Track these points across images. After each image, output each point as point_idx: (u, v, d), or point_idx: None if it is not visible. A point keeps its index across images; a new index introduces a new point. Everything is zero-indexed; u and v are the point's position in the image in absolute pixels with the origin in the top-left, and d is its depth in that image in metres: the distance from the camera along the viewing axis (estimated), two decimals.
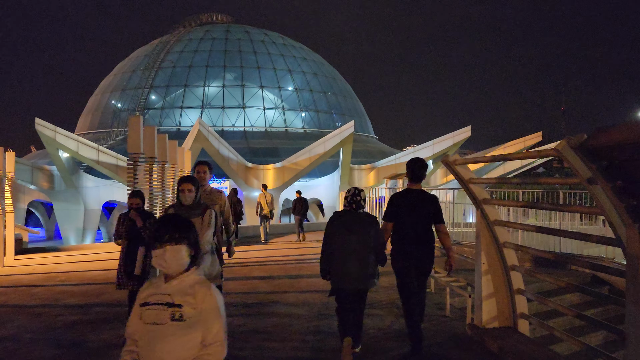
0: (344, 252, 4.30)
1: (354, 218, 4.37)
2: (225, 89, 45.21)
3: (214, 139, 27.69)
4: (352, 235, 4.29)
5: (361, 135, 49.06)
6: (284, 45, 51.05)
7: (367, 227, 4.32)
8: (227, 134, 42.65)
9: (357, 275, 4.28)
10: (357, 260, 4.27)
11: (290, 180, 31.65)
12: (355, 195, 4.46)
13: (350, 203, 4.44)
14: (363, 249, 4.28)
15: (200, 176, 5.40)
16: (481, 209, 5.17)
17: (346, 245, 4.30)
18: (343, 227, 4.34)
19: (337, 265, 4.34)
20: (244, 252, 11.78)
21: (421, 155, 32.21)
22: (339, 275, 4.33)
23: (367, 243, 4.29)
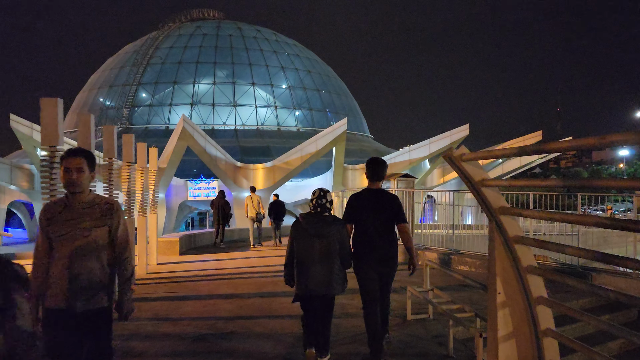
0: (308, 257, 4.16)
1: (319, 221, 4.19)
2: (216, 86, 43.89)
3: (200, 137, 26.38)
4: (317, 239, 4.15)
5: (356, 134, 47.85)
6: (277, 42, 49.76)
7: (333, 231, 4.17)
8: (217, 133, 41.37)
9: (322, 280, 4.14)
10: (322, 265, 4.13)
11: (281, 180, 30.37)
12: (321, 197, 4.27)
13: (315, 206, 4.26)
14: (328, 253, 4.15)
15: (70, 178, 2.94)
16: (496, 220, 3.86)
17: (311, 250, 4.15)
18: (307, 231, 4.18)
19: (301, 270, 4.19)
20: (218, 262, 10.51)
21: (418, 155, 31.14)
22: (304, 281, 4.18)
23: (332, 247, 4.16)
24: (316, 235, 4.16)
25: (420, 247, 9.79)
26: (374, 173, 4.66)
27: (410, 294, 5.61)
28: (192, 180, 32.91)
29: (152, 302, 6.47)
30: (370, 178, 4.70)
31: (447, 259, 9.02)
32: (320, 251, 4.15)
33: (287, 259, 4.37)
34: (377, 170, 4.67)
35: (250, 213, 14.13)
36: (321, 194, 4.34)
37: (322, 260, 4.15)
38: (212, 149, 27.64)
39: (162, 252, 11.57)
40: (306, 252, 4.18)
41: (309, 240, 4.18)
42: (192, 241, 13.85)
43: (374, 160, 4.83)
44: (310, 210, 4.34)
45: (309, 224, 4.21)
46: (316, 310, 4.26)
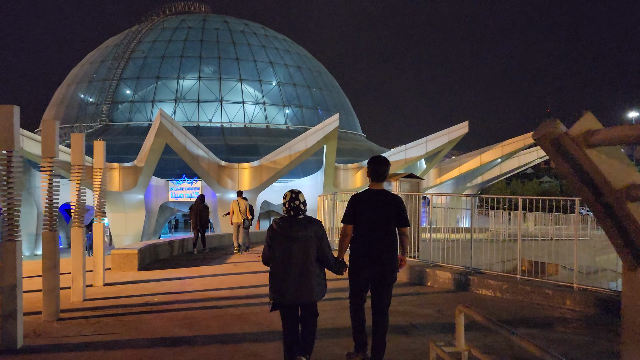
0: (284, 263, 3.96)
1: (293, 225, 3.99)
2: (201, 81, 41.90)
3: (180, 134, 24.42)
4: (293, 243, 3.95)
5: (348, 132, 46.07)
6: (266, 37, 47.82)
7: (309, 233, 3.97)
8: (202, 130, 39.44)
9: (300, 287, 3.93)
10: (301, 271, 3.94)
11: (269, 180, 28.51)
12: (293, 199, 4.05)
13: (288, 210, 4.06)
14: (306, 258, 3.97)
15: None
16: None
17: (287, 255, 3.95)
18: (282, 235, 3.98)
19: (277, 277, 3.99)
20: (182, 282, 8.65)
21: (414, 154, 29.37)
22: (281, 288, 3.95)
23: (310, 250, 3.98)
24: (292, 239, 3.96)
25: (430, 265, 7.97)
26: (377, 173, 4.41)
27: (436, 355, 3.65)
28: (173, 180, 30.93)
29: (63, 354, 4.60)
30: (372, 178, 4.42)
31: (463, 280, 7.22)
32: (298, 256, 3.96)
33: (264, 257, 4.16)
34: (379, 170, 4.40)
35: (236, 219, 13.29)
36: (293, 196, 4.10)
37: (301, 265, 3.95)
38: (194, 147, 25.69)
39: (117, 267, 9.67)
40: (283, 257, 3.97)
41: (285, 245, 3.97)
42: (158, 252, 11.95)
43: (377, 159, 4.53)
44: (284, 214, 4.12)
45: (283, 228, 4.00)
46: (296, 318, 4.06)
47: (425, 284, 7.72)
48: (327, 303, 5.76)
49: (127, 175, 27.21)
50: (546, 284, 6.53)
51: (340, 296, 6.19)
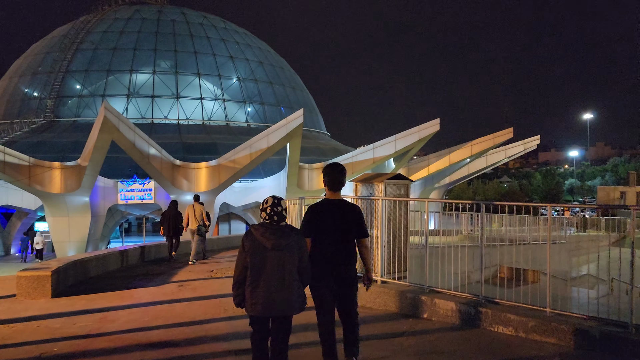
0: (263, 274, 3.72)
1: (275, 232, 3.72)
2: (156, 75, 39.37)
3: (128, 129, 22.07)
4: (274, 252, 3.70)
5: (312, 131, 44.37)
6: (226, 30, 45.57)
7: (292, 242, 3.76)
8: (157, 127, 36.99)
9: (280, 299, 3.71)
10: (281, 282, 3.71)
11: (228, 181, 26.43)
12: (276, 205, 3.78)
13: (270, 215, 3.75)
14: (287, 269, 3.72)
15: None
16: None
17: (267, 265, 3.71)
18: (263, 244, 3.70)
19: (255, 287, 3.71)
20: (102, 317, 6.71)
21: (382, 153, 27.84)
22: (258, 298, 3.71)
23: (292, 260, 3.74)
24: (273, 248, 3.69)
25: (425, 290, 6.27)
26: (335, 182, 4.23)
27: None
28: (123, 181, 28.41)
29: None
30: (330, 187, 4.24)
31: (472, 313, 5.55)
32: (279, 266, 3.72)
33: (238, 276, 3.80)
34: (337, 178, 4.24)
35: (191, 225, 12.72)
36: (275, 202, 3.80)
37: (281, 276, 3.72)
38: (144, 144, 23.36)
39: (24, 293, 7.58)
40: (262, 267, 3.72)
41: (265, 254, 3.71)
42: (88, 268, 9.85)
43: (334, 167, 4.28)
44: (265, 220, 3.79)
45: (264, 235, 3.70)
46: (271, 332, 3.81)
47: (421, 316, 6.02)
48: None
49: (70, 175, 24.62)
50: (583, 320, 4.92)
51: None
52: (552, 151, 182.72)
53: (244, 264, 3.76)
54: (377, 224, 6.80)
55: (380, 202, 6.69)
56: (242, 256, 3.77)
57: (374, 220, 6.84)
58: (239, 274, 3.79)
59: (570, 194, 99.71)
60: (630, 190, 47.23)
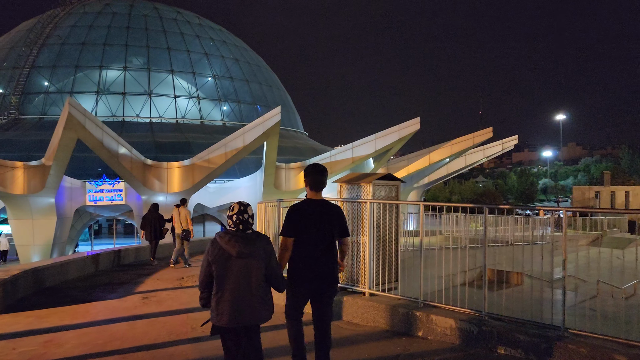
0: (230, 282, 3.60)
1: (241, 240, 3.63)
2: (128, 72, 38.01)
3: (95, 127, 20.92)
4: (240, 260, 3.60)
5: (289, 130, 43.57)
6: (200, 26, 44.39)
7: (258, 250, 3.67)
8: (129, 126, 35.70)
9: (247, 308, 3.61)
10: (248, 290, 3.62)
11: (202, 181, 25.47)
12: (242, 212, 3.69)
13: (236, 223, 3.68)
14: (255, 277, 3.64)
15: None
16: None
17: (232, 274, 3.60)
18: (228, 252, 3.61)
19: (221, 297, 3.61)
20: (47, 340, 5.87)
21: (362, 152, 27.21)
22: (225, 308, 3.59)
23: (258, 269, 3.65)
24: (239, 256, 3.62)
25: (419, 305, 5.58)
26: (317, 182, 4.21)
27: None
28: (92, 181, 27.15)
29: None
30: (311, 187, 4.23)
31: (475, 332, 4.88)
32: (245, 274, 3.62)
33: (203, 280, 3.72)
34: (319, 179, 4.21)
35: (176, 229, 12.59)
36: (242, 209, 3.70)
37: (247, 285, 3.62)
38: (113, 143, 22.23)
39: None
40: (227, 276, 3.61)
41: (230, 263, 3.62)
42: (44, 277, 8.90)
43: (316, 168, 4.27)
44: (230, 228, 3.72)
45: (229, 244, 3.62)
46: (240, 343, 3.70)
47: (416, 334, 5.33)
48: None
49: (34, 175, 23.31)
50: (610, 343, 4.29)
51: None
52: (526, 151, 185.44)
53: (208, 272, 3.69)
54: (364, 230, 6.09)
55: (368, 206, 5.98)
56: (206, 265, 3.69)
57: (360, 225, 6.13)
58: (203, 279, 3.73)
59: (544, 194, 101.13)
60: (604, 190, 47.66)
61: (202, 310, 5.51)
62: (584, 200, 48.07)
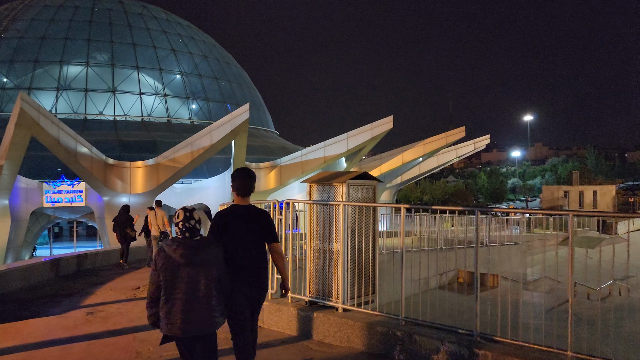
0: (180, 291, 3.49)
1: (190, 248, 3.54)
2: (90, 68, 36.43)
3: (50, 124, 19.64)
4: (190, 268, 3.50)
5: (259, 129, 42.61)
6: (168, 22, 43.02)
7: (209, 257, 3.60)
8: (91, 124, 34.19)
9: (199, 316, 3.51)
10: (198, 299, 3.52)
11: (168, 181, 24.37)
12: (188, 219, 3.60)
13: (182, 231, 3.59)
14: (205, 285, 3.54)
15: None
16: None
17: (181, 283, 3.49)
18: (177, 260, 3.50)
19: (172, 306, 3.48)
20: None
21: (334, 151, 26.52)
22: (176, 318, 3.46)
23: (210, 276, 3.58)
24: (189, 264, 3.50)
25: (399, 323, 4.87)
26: (244, 187, 4.17)
27: None
28: (50, 182, 25.72)
29: None
30: (238, 192, 4.18)
31: (465, 356, 4.20)
32: (196, 282, 3.51)
33: (152, 295, 3.60)
34: (247, 184, 4.18)
35: (153, 232, 12.83)
36: (187, 215, 3.62)
37: (198, 293, 3.52)
38: (71, 141, 20.96)
39: None
40: (177, 285, 3.50)
41: (180, 271, 3.50)
42: None
43: (243, 172, 4.24)
44: (177, 235, 3.63)
45: (177, 252, 3.52)
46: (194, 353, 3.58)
47: (397, 357, 4.62)
48: None
49: None
50: None
51: None
52: (494, 151, 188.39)
53: (157, 283, 3.56)
54: (337, 237, 5.36)
55: (342, 208, 5.24)
56: (155, 275, 3.57)
57: (333, 231, 5.39)
58: (153, 292, 3.59)
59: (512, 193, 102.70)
60: (573, 189, 48.29)
61: (152, 329, 4.73)
62: (553, 200, 48.60)
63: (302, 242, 8.10)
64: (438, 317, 4.80)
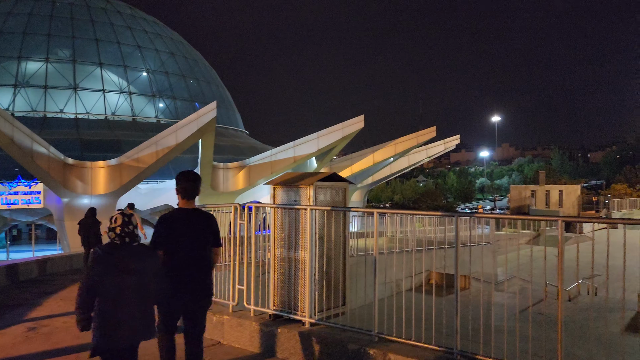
0: (115, 298, 3.33)
1: (128, 254, 3.43)
2: (50, 64, 35.03)
3: (3, 121, 18.55)
4: (128, 275, 3.36)
5: (229, 128, 41.82)
6: (133, 17, 41.77)
7: (148, 264, 3.49)
8: (51, 122, 32.86)
9: (134, 325, 3.38)
10: (134, 307, 3.39)
11: (131, 182, 23.46)
12: (126, 223, 3.47)
13: (121, 236, 3.44)
14: (142, 293, 3.43)
15: None
16: None
17: (119, 290, 3.34)
18: (114, 267, 3.36)
19: (105, 314, 3.31)
20: None
21: (304, 151, 26.04)
22: (109, 327, 3.30)
23: (148, 283, 3.46)
24: (127, 271, 3.37)
25: (372, 339, 4.42)
26: (188, 190, 4.01)
27: None
28: (5, 182, 24.45)
29: None
30: (183, 196, 4.01)
31: None
32: (134, 290, 3.38)
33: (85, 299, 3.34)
34: (191, 187, 4.02)
35: None
36: (126, 220, 3.48)
37: (135, 302, 3.39)
38: (25, 139, 19.88)
39: None
40: (114, 293, 3.32)
41: (117, 279, 3.34)
42: None
43: (187, 175, 4.08)
44: (114, 240, 3.47)
45: (116, 257, 3.40)
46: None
47: None
48: None
49: None
50: None
51: None
52: (463, 152, 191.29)
53: (91, 287, 3.34)
54: (303, 244, 4.88)
55: (309, 213, 4.77)
56: (89, 281, 3.35)
57: (299, 238, 4.91)
58: (85, 297, 3.35)
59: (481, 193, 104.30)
60: (540, 189, 49.03)
61: None
62: (520, 199, 49.27)
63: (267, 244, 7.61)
64: (414, 325, 4.36)
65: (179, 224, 3.92)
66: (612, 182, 69.55)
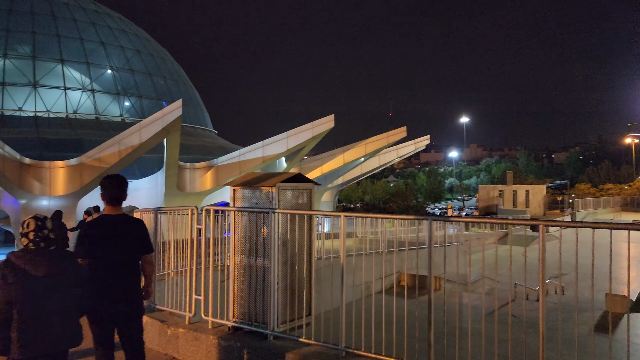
0: (36, 307, 3.18)
1: (44, 260, 3.26)
2: (9, 60, 33.59)
3: None
4: (43, 282, 3.22)
5: (197, 128, 40.97)
6: (97, 13, 40.47)
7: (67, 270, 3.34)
8: (9, 120, 31.51)
9: (58, 334, 3.25)
10: (57, 315, 3.25)
11: (93, 182, 22.57)
12: (40, 228, 3.31)
13: (36, 242, 3.30)
14: (62, 299, 3.29)
15: None
16: None
17: (38, 298, 3.20)
18: (29, 274, 3.19)
19: (26, 324, 3.17)
20: None
21: (273, 151, 25.55)
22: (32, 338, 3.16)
23: (67, 290, 3.33)
24: (47, 276, 3.23)
25: (339, 354, 4.07)
26: (114, 196, 3.89)
27: None
28: None
29: None
30: (108, 201, 3.88)
31: None
32: (50, 296, 3.23)
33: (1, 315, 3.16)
34: (118, 192, 3.91)
35: None
36: (39, 224, 3.32)
37: (56, 309, 3.26)
38: None
39: None
40: (30, 301, 3.17)
41: (33, 285, 3.19)
42: None
43: (114, 179, 3.99)
44: (29, 246, 3.30)
45: (31, 264, 3.20)
46: None
47: None
48: None
49: None
50: None
51: None
52: (432, 152, 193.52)
53: (6, 299, 3.17)
54: (265, 250, 4.49)
55: (272, 217, 4.38)
56: (4, 291, 3.18)
57: (261, 244, 4.52)
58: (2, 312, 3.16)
59: (450, 193, 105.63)
60: (507, 188, 49.81)
61: None
62: (489, 199, 49.95)
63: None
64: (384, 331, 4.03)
65: (104, 231, 3.78)
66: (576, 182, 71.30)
